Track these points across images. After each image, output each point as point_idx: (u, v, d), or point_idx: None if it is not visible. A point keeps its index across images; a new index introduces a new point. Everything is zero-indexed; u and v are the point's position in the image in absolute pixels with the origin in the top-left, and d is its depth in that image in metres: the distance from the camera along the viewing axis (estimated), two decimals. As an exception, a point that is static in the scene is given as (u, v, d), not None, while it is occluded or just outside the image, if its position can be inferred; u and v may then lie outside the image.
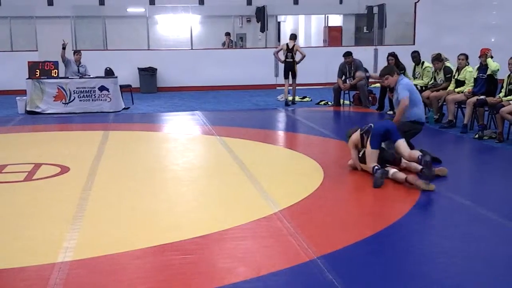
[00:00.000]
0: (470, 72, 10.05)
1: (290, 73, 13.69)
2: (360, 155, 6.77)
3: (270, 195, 5.84)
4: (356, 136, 6.91)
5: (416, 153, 6.41)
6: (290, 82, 13.77)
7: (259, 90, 17.21)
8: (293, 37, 13.99)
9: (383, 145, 6.65)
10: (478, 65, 9.92)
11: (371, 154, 6.51)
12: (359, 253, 4.30)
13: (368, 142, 6.58)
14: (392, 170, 6.32)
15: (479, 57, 9.85)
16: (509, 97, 8.82)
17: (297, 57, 13.66)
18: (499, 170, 7.39)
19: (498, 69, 9.53)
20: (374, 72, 17.53)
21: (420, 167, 6.37)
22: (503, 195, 6.12)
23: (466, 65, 10.20)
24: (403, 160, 6.68)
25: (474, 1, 18.86)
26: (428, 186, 5.94)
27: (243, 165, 7.22)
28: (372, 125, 6.73)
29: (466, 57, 10.19)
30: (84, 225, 4.98)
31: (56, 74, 12.97)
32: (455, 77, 10.40)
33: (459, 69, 10.36)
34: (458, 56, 10.33)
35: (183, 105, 14.12)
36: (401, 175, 6.19)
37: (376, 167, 6.30)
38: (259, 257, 4.28)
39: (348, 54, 13.10)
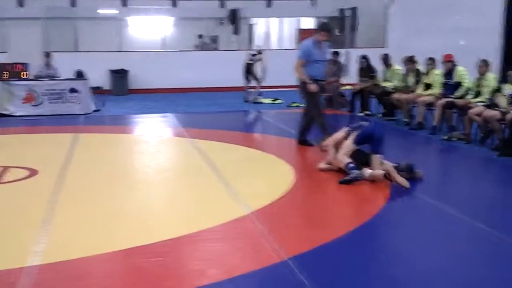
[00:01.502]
0: (437, 75, 10.19)
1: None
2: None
3: (241, 197, 5.84)
4: (341, 134, 6.95)
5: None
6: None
7: (232, 92, 17.18)
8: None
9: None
10: (444, 71, 10.04)
11: (348, 147, 6.61)
12: (330, 254, 4.32)
13: (354, 136, 6.66)
14: (369, 171, 6.36)
15: (442, 63, 10.01)
16: (477, 99, 8.96)
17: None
18: (466, 171, 7.51)
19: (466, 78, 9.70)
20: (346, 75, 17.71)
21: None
22: (470, 194, 6.21)
23: (433, 68, 10.34)
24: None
25: (444, 5, 19.09)
26: (404, 182, 6.00)
27: (215, 167, 7.21)
28: (365, 124, 6.86)
29: (433, 60, 10.33)
30: (53, 229, 4.92)
31: (26, 76, 12.79)
32: (424, 80, 10.54)
33: (427, 73, 10.50)
34: (426, 60, 10.48)
35: (155, 107, 14.04)
36: (379, 172, 6.23)
37: (351, 165, 6.34)
38: (230, 258, 4.28)
39: (334, 54, 13.19)
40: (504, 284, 3.83)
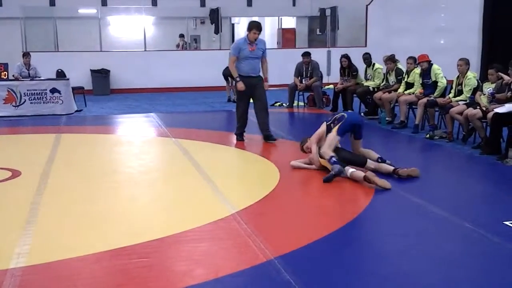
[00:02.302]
0: (418, 74, 10.27)
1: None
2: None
3: (226, 196, 5.84)
4: (322, 128, 7.03)
5: (375, 154, 6.89)
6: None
7: (214, 92, 17.17)
8: None
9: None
10: (420, 71, 10.12)
11: (333, 139, 6.71)
12: (316, 253, 4.34)
13: (336, 127, 6.74)
14: (351, 170, 6.40)
15: (418, 63, 10.10)
16: (458, 98, 9.06)
17: None
18: (449, 169, 7.58)
19: (442, 76, 9.80)
20: (328, 74, 17.81)
21: (391, 167, 6.63)
22: (453, 192, 6.28)
23: (414, 67, 10.43)
24: (371, 162, 6.76)
25: (423, 4, 19.28)
26: (385, 184, 6.04)
27: (199, 167, 7.20)
28: (345, 115, 6.98)
29: (414, 60, 10.41)
30: (37, 230, 4.88)
31: (6, 76, 12.66)
32: (405, 79, 10.62)
33: (408, 72, 10.59)
34: (406, 59, 10.57)
35: (137, 107, 13.99)
36: (360, 174, 6.27)
37: (334, 159, 6.40)
38: (216, 258, 4.27)
39: (306, 54, 13.22)
40: (488, 281, 3.88)
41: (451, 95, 9.31)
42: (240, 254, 4.34)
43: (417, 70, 10.32)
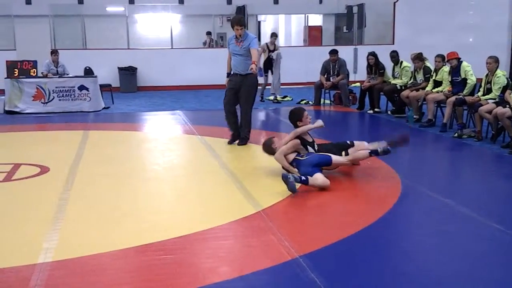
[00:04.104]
0: (446, 72, 10.15)
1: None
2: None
3: (252, 194, 5.84)
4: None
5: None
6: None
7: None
8: (273, 34, 14.13)
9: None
10: (449, 68, 10.01)
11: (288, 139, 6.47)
12: (341, 252, 4.32)
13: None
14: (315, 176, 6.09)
15: (447, 61, 9.98)
16: (487, 96, 8.93)
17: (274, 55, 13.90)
18: (477, 169, 7.48)
19: (472, 73, 9.67)
20: (355, 72, 17.71)
21: (367, 152, 6.50)
22: (481, 193, 6.18)
23: (443, 65, 10.31)
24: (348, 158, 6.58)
25: (451, 2, 19.05)
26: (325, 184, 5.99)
27: (225, 165, 7.21)
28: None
29: (443, 58, 10.29)
30: (65, 226, 4.93)
31: (35, 73, 12.85)
32: (433, 77, 10.51)
33: (436, 70, 10.47)
34: (434, 57, 10.45)
35: (164, 105, 14.07)
36: (319, 180, 6.04)
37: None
38: (241, 256, 4.28)
39: (334, 52, 13.16)
40: (516, 282, 3.82)
41: (480, 93, 9.18)
42: (264, 252, 4.33)
43: (446, 68, 10.21)
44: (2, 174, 6.78)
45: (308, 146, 6.52)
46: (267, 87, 14.32)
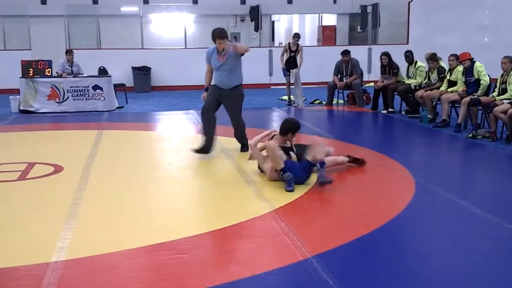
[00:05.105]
0: (460, 72, 10.08)
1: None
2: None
3: (264, 194, 5.84)
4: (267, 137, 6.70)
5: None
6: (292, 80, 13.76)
7: (253, 89, 17.19)
8: (296, 35, 13.94)
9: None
10: (463, 69, 9.94)
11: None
12: (354, 252, 4.30)
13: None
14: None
15: (460, 62, 9.90)
16: (502, 96, 8.85)
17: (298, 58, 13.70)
18: (491, 169, 7.41)
19: (484, 74, 9.59)
20: (369, 72, 17.64)
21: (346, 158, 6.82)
22: (496, 194, 6.13)
23: (457, 65, 10.24)
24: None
25: (467, 1, 18.91)
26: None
27: (237, 164, 7.21)
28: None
29: (457, 57, 10.21)
30: (78, 225, 4.96)
31: (50, 73, 12.94)
32: (447, 77, 10.44)
33: (450, 70, 10.41)
34: (448, 57, 10.38)
35: (177, 104, 14.10)
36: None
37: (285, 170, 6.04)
38: (253, 256, 4.27)
39: (346, 53, 13.12)
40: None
41: (495, 93, 9.11)
42: (277, 252, 4.33)
43: (460, 68, 10.13)
44: (16, 173, 6.84)
45: (290, 152, 6.48)
46: (291, 87, 14.08)
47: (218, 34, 7.65)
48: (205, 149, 7.69)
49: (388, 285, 3.77)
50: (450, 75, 10.37)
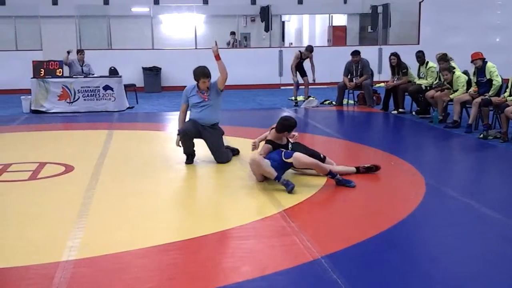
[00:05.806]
0: (472, 72, 10.03)
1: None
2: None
3: (274, 194, 5.84)
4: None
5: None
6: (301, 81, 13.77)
7: (264, 90, 17.21)
8: (310, 49, 13.84)
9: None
10: (475, 69, 9.89)
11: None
12: (363, 253, 4.29)
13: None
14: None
15: (472, 61, 9.85)
16: (513, 97, 8.81)
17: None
18: (503, 170, 7.37)
19: (497, 74, 9.54)
20: (379, 72, 17.59)
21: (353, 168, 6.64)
22: (506, 195, 6.09)
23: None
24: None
25: (478, 1, 18.81)
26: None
27: (246, 165, 7.20)
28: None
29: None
30: (88, 224, 4.98)
31: (61, 73, 13.01)
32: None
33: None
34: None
35: (187, 105, 14.10)
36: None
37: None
38: (263, 256, 4.28)
39: (356, 53, 13.09)
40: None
41: (506, 94, 9.06)
42: (286, 252, 4.33)
43: (472, 69, 10.09)
44: (27, 173, 6.88)
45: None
46: (300, 87, 14.03)
47: (202, 73, 7.55)
48: (190, 162, 7.49)
49: (398, 286, 3.76)
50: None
